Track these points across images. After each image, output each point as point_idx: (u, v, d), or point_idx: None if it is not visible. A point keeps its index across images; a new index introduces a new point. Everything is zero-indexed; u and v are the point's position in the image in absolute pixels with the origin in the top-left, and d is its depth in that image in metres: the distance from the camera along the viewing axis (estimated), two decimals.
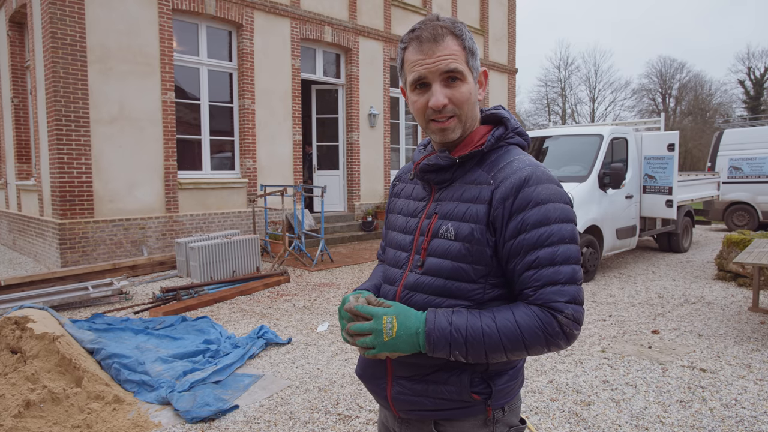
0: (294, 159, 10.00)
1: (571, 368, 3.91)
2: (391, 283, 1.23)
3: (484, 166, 1.17)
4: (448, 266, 1.13)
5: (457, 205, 1.15)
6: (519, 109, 39.83)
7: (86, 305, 5.81)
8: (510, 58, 15.55)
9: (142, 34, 7.78)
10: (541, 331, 1.04)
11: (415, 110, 1.17)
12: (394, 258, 1.25)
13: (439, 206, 1.18)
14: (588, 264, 6.87)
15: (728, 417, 3.11)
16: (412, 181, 1.32)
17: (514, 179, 1.10)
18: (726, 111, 34.10)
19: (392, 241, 1.28)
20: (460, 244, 1.12)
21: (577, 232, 1.10)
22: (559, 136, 8.16)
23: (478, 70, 1.18)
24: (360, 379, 1.30)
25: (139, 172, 7.84)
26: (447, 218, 1.15)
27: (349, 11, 10.81)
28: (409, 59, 1.14)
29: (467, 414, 1.16)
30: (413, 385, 1.17)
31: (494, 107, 1.26)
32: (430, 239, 1.16)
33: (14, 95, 9.32)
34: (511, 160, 1.15)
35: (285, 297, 6.20)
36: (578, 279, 1.08)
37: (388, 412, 1.30)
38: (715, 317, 5.21)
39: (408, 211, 1.27)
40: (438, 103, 1.11)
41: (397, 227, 1.28)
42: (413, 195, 1.28)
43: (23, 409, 2.91)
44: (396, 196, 1.36)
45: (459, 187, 1.17)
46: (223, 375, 3.74)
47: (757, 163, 11.62)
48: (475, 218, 1.11)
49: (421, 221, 1.21)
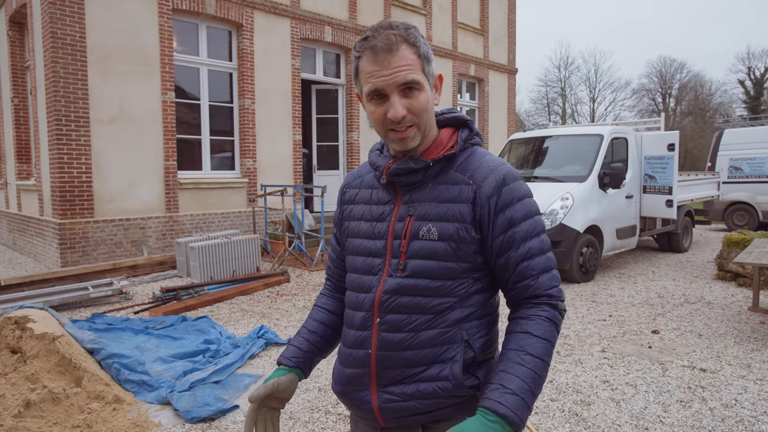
0: (294, 159, 10.00)
1: (571, 368, 3.91)
2: (366, 291, 1.20)
3: (455, 167, 1.19)
4: (434, 266, 1.14)
5: (436, 206, 1.15)
6: (519, 109, 39.84)
7: (86, 305, 5.81)
8: (510, 58, 15.55)
9: (142, 34, 7.78)
10: (555, 328, 1.13)
11: (374, 120, 1.16)
12: (364, 265, 1.22)
13: (412, 208, 1.18)
14: (588, 264, 6.87)
15: (728, 417, 3.11)
16: (368, 186, 1.29)
17: (495, 178, 1.15)
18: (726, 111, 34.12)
19: (358, 249, 1.25)
20: (445, 243, 1.13)
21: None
22: (559, 136, 8.16)
23: (434, 75, 1.17)
24: (339, 396, 1.27)
25: (139, 172, 7.84)
26: (426, 219, 1.15)
27: (349, 11, 10.81)
28: (364, 69, 1.12)
29: (459, 410, 1.16)
30: (402, 389, 1.15)
31: (448, 110, 1.26)
32: (409, 241, 1.15)
33: (14, 95, 9.32)
34: (482, 160, 1.19)
35: (285, 297, 6.20)
36: (555, 262, 1.19)
37: (369, 425, 1.26)
38: (715, 317, 5.21)
39: (372, 216, 1.24)
40: (397, 115, 1.10)
41: (361, 234, 1.25)
42: (374, 199, 1.25)
43: (23, 409, 2.91)
44: (351, 202, 1.32)
45: (433, 188, 1.18)
46: (223, 375, 3.75)
47: (757, 163, 11.62)
48: (459, 217, 1.14)
49: (392, 224, 1.19)
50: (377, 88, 1.11)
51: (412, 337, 1.15)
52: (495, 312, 1.25)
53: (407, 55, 1.10)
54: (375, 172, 1.27)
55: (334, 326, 1.39)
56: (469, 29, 13.98)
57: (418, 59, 1.12)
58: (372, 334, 1.18)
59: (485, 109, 14.68)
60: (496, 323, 1.25)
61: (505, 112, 15.50)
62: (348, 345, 1.24)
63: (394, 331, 1.16)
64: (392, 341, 1.16)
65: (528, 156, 8.39)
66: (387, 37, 1.10)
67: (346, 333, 1.27)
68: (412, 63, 1.11)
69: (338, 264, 1.40)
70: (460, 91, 14.15)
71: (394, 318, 1.16)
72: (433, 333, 1.14)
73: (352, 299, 1.25)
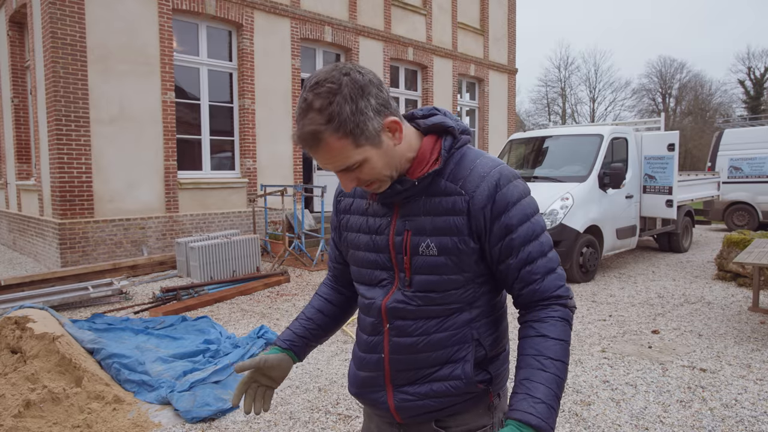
0: (294, 159, 10.00)
1: (571, 368, 3.91)
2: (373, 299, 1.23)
3: (446, 176, 1.15)
4: (437, 280, 1.14)
5: (431, 220, 1.13)
6: (519, 109, 39.85)
7: (86, 305, 5.81)
8: (510, 58, 15.55)
9: (142, 34, 7.78)
10: (568, 327, 1.13)
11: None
12: (371, 277, 1.23)
13: (409, 222, 1.15)
14: (588, 264, 6.87)
15: (728, 417, 3.11)
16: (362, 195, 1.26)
17: (486, 186, 1.10)
18: (726, 111, 34.13)
19: (362, 261, 1.25)
20: (445, 257, 1.12)
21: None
22: (559, 136, 8.16)
23: (377, 132, 1.04)
24: (356, 397, 1.29)
25: (139, 172, 7.84)
26: (423, 234, 1.13)
27: (349, 11, 10.81)
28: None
29: (472, 405, 1.19)
30: (417, 389, 1.18)
31: (429, 112, 1.20)
32: (411, 257, 1.14)
33: (14, 95, 9.32)
34: (473, 165, 1.14)
35: (285, 297, 6.20)
36: (559, 261, 1.17)
37: (384, 421, 1.28)
38: (715, 317, 5.21)
39: (370, 228, 1.22)
40: (347, 189, 1.10)
41: (361, 246, 1.24)
42: (370, 211, 1.23)
43: (23, 409, 2.91)
44: (347, 212, 1.30)
45: (425, 201, 1.14)
46: (224, 375, 3.74)
47: (757, 163, 11.62)
48: (455, 230, 1.11)
49: (392, 238, 1.17)
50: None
51: (423, 340, 1.16)
52: (502, 308, 1.26)
53: (332, 146, 1.01)
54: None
55: (332, 316, 1.43)
56: (469, 29, 13.97)
57: (347, 139, 1.01)
58: (384, 339, 1.20)
59: (485, 109, 14.68)
60: (504, 318, 1.27)
61: (505, 112, 15.51)
62: (362, 349, 1.26)
63: (405, 335, 1.17)
64: (404, 345, 1.17)
65: (528, 156, 8.40)
66: (305, 135, 1.01)
67: (359, 336, 1.29)
68: (339, 150, 1.02)
69: (339, 259, 1.42)
70: (460, 91, 14.15)
71: (402, 324, 1.17)
72: (443, 335, 1.16)
73: (361, 304, 1.27)
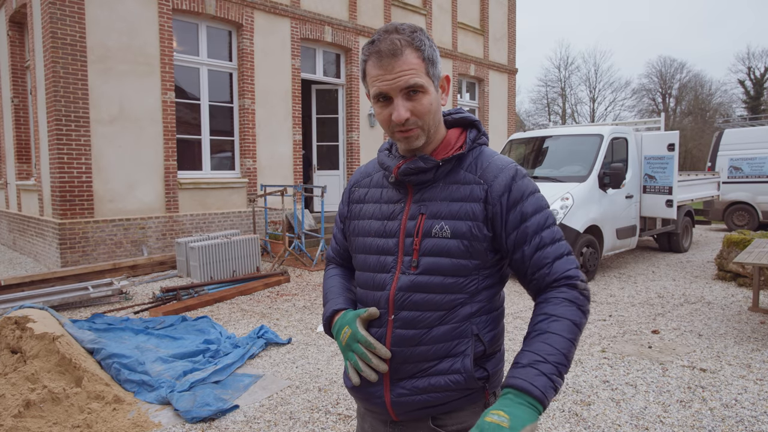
0: (294, 159, 10.00)
1: (571, 368, 3.91)
2: (380, 288, 1.23)
3: (465, 166, 1.23)
4: (446, 263, 1.17)
5: (448, 205, 1.19)
6: (519, 109, 39.84)
7: (86, 305, 5.81)
8: (510, 57, 15.55)
9: (142, 34, 7.78)
10: (575, 307, 1.13)
11: (380, 121, 1.20)
12: (377, 263, 1.25)
13: (423, 206, 1.21)
14: (588, 264, 6.87)
15: (728, 417, 3.11)
16: (378, 185, 1.32)
17: (504, 177, 1.19)
18: (726, 111, 34.11)
19: (369, 247, 1.28)
20: (457, 241, 1.17)
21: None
22: (559, 136, 8.16)
23: (440, 76, 1.20)
24: (351, 391, 1.30)
25: (139, 172, 7.84)
26: (438, 217, 1.19)
27: (349, 11, 10.81)
28: (370, 73, 1.17)
29: (468, 402, 1.20)
30: (415, 383, 1.19)
31: (456, 110, 1.30)
32: (422, 239, 1.18)
33: (14, 95, 9.32)
34: (491, 160, 1.23)
35: (285, 297, 6.20)
36: (571, 249, 1.22)
37: (378, 419, 1.29)
38: (715, 317, 5.21)
39: (383, 214, 1.27)
40: (400, 118, 1.14)
41: (372, 232, 1.28)
42: (384, 198, 1.29)
43: (23, 409, 2.92)
44: (360, 201, 1.35)
45: (444, 187, 1.21)
46: (223, 375, 3.75)
47: (757, 163, 11.62)
48: (471, 216, 1.17)
49: (404, 222, 1.22)
50: (382, 92, 1.15)
51: (425, 333, 1.18)
52: (501, 306, 1.29)
53: (411, 60, 1.13)
54: (384, 172, 1.30)
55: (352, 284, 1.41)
56: (469, 29, 13.98)
57: (423, 63, 1.14)
58: (387, 332, 1.21)
59: (485, 109, 14.68)
60: (502, 318, 1.29)
61: (505, 112, 15.50)
62: None
63: (408, 327, 1.19)
64: (406, 337, 1.19)
65: (528, 156, 8.39)
66: (392, 41, 1.12)
67: None
68: (416, 67, 1.13)
69: (341, 251, 1.44)
70: (460, 91, 14.15)
71: (407, 315, 1.19)
72: (445, 328, 1.18)
73: (365, 297, 1.28)
